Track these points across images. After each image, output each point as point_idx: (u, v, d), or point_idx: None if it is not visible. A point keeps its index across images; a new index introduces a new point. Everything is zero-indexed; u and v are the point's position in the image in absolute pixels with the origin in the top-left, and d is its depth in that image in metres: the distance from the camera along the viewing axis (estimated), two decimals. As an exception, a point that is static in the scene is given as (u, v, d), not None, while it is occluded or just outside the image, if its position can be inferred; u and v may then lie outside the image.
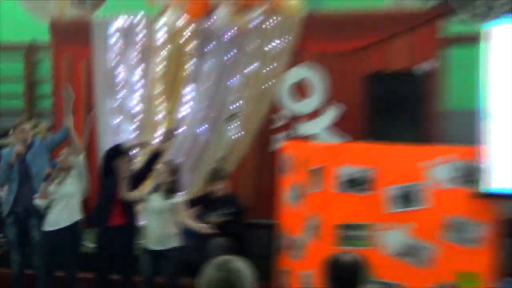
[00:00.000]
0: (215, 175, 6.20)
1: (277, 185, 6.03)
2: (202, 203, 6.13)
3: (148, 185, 6.01)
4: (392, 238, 5.34)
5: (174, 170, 5.77)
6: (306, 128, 6.80)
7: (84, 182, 5.85)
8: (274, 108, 6.85)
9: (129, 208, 5.73)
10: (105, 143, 6.82)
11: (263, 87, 6.75)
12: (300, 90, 6.85)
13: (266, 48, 6.76)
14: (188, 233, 5.86)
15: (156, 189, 5.69)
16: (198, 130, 6.87)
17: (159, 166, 5.81)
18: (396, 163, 5.40)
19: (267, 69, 6.74)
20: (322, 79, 6.76)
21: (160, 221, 5.60)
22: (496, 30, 5.26)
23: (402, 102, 6.05)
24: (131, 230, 5.78)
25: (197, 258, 5.04)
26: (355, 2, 6.95)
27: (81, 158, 5.82)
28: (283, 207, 5.90)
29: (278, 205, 5.96)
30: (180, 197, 5.74)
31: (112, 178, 5.70)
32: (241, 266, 2.66)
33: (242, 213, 6.18)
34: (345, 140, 6.43)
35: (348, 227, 5.40)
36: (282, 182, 5.96)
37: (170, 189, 5.65)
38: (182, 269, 5.65)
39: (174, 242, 5.64)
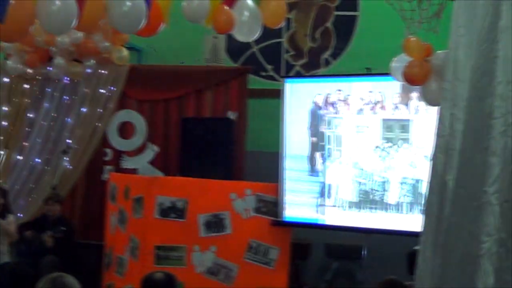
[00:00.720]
0: (50, 199, 6.10)
1: (105, 211, 6.06)
2: (38, 224, 6.01)
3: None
4: (203, 258, 5.49)
5: (3, 194, 5.65)
6: (131, 162, 6.83)
7: None
8: (105, 144, 6.81)
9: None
10: None
11: (94, 126, 6.74)
12: (126, 130, 6.88)
13: (97, 93, 6.78)
14: (20, 250, 5.72)
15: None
16: (35, 160, 6.75)
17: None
18: (208, 195, 5.56)
19: (98, 111, 6.76)
20: (144, 122, 6.84)
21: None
22: (291, 86, 5.78)
23: (213, 143, 6.26)
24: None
25: (30, 274, 4.95)
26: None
27: None
28: (110, 230, 5.91)
29: (106, 228, 5.98)
30: (10, 218, 5.59)
31: None
32: (71, 281, 2.72)
33: (73, 234, 6.11)
34: (164, 174, 6.53)
35: (166, 248, 5.45)
36: (109, 208, 5.98)
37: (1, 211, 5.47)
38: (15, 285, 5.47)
39: (6, 258, 5.43)
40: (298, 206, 5.71)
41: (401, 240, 5.00)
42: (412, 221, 5.19)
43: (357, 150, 5.65)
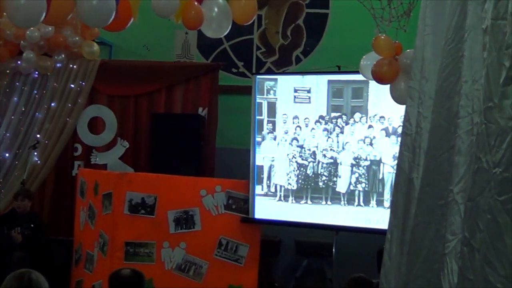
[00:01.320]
0: (20, 195, 6.00)
1: (74, 206, 5.98)
2: (7, 220, 5.93)
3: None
4: (173, 255, 5.44)
5: None
6: (101, 158, 6.77)
7: None
8: (75, 139, 6.74)
9: None
10: None
11: (64, 121, 6.66)
12: (96, 125, 6.80)
13: (67, 88, 6.69)
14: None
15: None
16: (4, 155, 6.63)
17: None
18: (177, 191, 5.50)
19: (68, 105, 6.67)
20: (114, 118, 6.77)
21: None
22: (262, 82, 5.76)
23: (183, 139, 6.23)
24: None
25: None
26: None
27: None
28: (79, 226, 5.83)
29: (75, 224, 5.90)
30: None
31: None
32: (38, 277, 2.69)
33: (42, 230, 6.02)
34: (134, 170, 6.47)
35: (135, 245, 5.39)
36: (78, 203, 5.91)
37: None
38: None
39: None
40: (265, 204, 5.72)
41: (373, 237, 5.02)
42: (377, 216, 5.19)
43: (296, 122, 5.57)
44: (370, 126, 5.33)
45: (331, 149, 5.48)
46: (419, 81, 2.82)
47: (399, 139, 3.58)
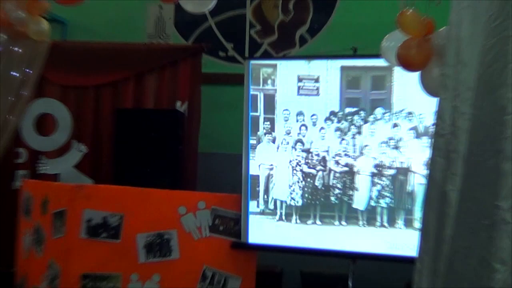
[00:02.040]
0: None
1: (16, 228, 5.94)
2: None
3: None
4: None
5: None
6: (51, 166, 6.80)
7: None
8: (17, 142, 6.76)
9: None
10: None
11: (3, 118, 6.65)
12: (45, 125, 6.83)
13: (8, 77, 6.67)
14: None
15: None
16: None
17: None
18: (149, 208, 5.49)
19: (9, 99, 6.66)
20: (68, 115, 6.82)
21: None
22: (257, 68, 5.75)
23: (157, 142, 6.27)
24: None
25: None
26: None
27: None
28: (22, 253, 5.81)
29: (17, 251, 5.87)
30: None
31: None
32: None
33: None
34: (94, 182, 6.50)
35: (95, 277, 5.35)
36: (22, 224, 5.88)
37: None
38: None
39: None
40: (266, 227, 5.75)
41: (399, 267, 4.96)
42: (404, 240, 5.22)
43: (301, 120, 5.62)
44: (395, 125, 5.35)
45: (345, 154, 5.50)
46: (454, 67, 2.83)
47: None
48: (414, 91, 4.73)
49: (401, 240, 5.28)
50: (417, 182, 5.27)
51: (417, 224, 5.07)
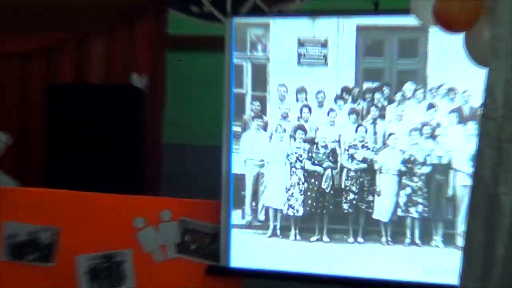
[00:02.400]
0: None
1: None
2: None
3: None
4: None
5: None
6: None
7: None
8: None
9: None
10: None
11: None
12: None
13: None
14: None
15: None
16: None
17: None
18: (95, 221, 5.54)
19: None
20: None
21: None
22: (243, 29, 5.77)
23: (104, 129, 6.33)
24: None
25: None
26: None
27: None
28: None
29: None
30: None
31: None
32: None
33: None
34: (19, 184, 6.48)
35: None
36: None
37: None
38: None
39: None
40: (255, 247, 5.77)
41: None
42: (444, 262, 5.21)
43: (302, 99, 5.63)
44: (431, 106, 5.35)
45: (363, 146, 5.51)
46: (508, 29, 2.84)
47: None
48: (457, 61, 4.73)
49: (439, 263, 5.28)
50: (461, 184, 5.29)
51: (461, 240, 5.03)
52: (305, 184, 5.66)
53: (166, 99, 6.76)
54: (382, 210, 5.49)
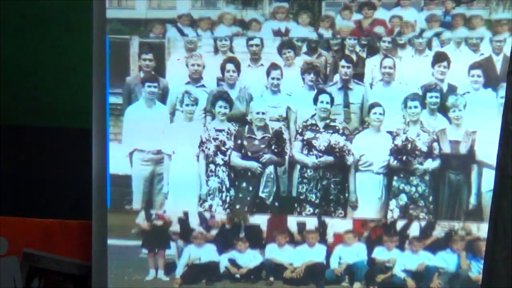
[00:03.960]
0: None
1: None
2: None
3: None
4: None
5: None
6: None
7: None
8: None
9: None
10: None
11: None
12: None
13: None
14: None
15: None
16: None
17: None
18: None
19: None
20: None
21: None
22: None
23: None
24: None
25: None
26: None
27: None
28: None
29: None
30: None
31: None
32: None
33: None
34: None
35: None
36: None
37: None
38: None
39: None
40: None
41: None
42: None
43: (224, 46, 4.52)
44: (440, 57, 4.30)
45: (327, 126, 4.44)
46: None
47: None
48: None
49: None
50: (490, 189, 4.18)
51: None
52: (231, 191, 4.54)
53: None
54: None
